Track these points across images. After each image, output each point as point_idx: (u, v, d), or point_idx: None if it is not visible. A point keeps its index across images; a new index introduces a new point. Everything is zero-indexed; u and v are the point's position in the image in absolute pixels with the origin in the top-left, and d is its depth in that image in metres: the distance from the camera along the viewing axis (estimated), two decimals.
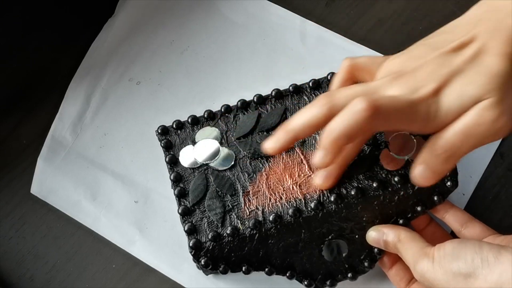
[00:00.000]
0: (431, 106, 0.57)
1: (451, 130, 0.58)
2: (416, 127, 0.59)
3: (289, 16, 0.92)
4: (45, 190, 0.82)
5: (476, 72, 0.57)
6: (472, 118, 0.56)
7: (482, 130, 0.56)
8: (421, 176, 0.61)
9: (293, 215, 0.69)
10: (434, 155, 0.60)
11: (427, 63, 0.59)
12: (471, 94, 0.56)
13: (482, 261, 0.57)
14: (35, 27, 0.90)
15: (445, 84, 0.57)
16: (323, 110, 0.58)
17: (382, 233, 0.69)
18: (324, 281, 0.72)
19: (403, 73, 0.59)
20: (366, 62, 0.66)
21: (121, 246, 0.78)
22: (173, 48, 0.91)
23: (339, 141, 0.57)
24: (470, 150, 0.59)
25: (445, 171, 0.61)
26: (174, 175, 0.73)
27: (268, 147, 0.62)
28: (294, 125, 0.60)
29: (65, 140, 0.84)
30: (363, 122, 0.55)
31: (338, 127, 0.56)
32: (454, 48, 0.59)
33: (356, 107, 0.55)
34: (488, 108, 0.56)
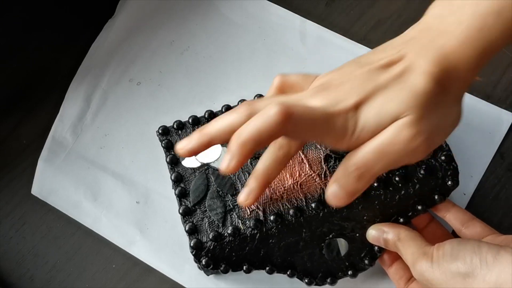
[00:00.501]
0: (349, 121, 0.55)
1: (365, 147, 0.56)
2: (331, 141, 0.56)
3: (289, 16, 0.92)
4: (45, 191, 0.82)
5: (399, 89, 0.55)
6: (387, 136, 0.55)
7: (396, 149, 0.55)
8: (333, 195, 0.59)
9: (294, 215, 0.69)
10: (346, 173, 0.58)
11: (353, 78, 0.57)
12: (390, 110, 0.54)
13: (480, 261, 0.57)
14: (35, 27, 0.90)
15: (367, 99, 0.55)
16: (241, 116, 0.55)
17: (382, 231, 0.69)
18: (325, 278, 0.72)
19: (328, 86, 0.58)
20: (298, 79, 0.64)
21: (122, 246, 0.78)
22: (173, 49, 0.91)
23: (247, 145, 0.54)
24: (384, 170, 0.57)
25: (357, 191, 0.59)
26: (175, 175, 0.73)
27: (179, 147, 0.59)
28: (210, 129, 0.57)
29: (66, 141, 0.84)
30: (273, 126, 0.53)
31: (247, 130, 0.54)
32: (382, 65, 0.57)
33: (267, 112, 0.53)
34: (405, 126, 0.54)
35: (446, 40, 0.56)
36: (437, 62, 0.55)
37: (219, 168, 0.56)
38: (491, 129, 0.83)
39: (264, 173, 0.66)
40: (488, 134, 0.82)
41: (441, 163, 0.71)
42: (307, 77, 0.63)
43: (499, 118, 0.83)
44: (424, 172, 0.70)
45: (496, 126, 0.83)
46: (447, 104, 0.57)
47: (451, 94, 0.57)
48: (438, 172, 0.71)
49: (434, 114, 0.55)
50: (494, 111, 0.84)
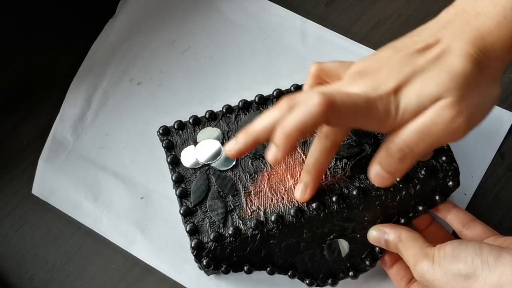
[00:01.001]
0: (390, 104, 0.56)
1: (407, 128, 0.56)
2: (373, 125, 0.57)
3: (289, 16, 0.92)
4: (46, 191, 0.82)
5: (437, 71, 0.56)
6: (429, 116, 0.55)
7: (438, 129, 0.55)
8: (376, 176, 0.60)
9: (295, 215, 0.69)
10: (389, 154, 0.58)
11: (391, 63, 0.58)
12: (430, 92, 0.55)
13: (482, 263, 0.57)
14: (35, 27, 0.90)
15: (406, 82, 0.56)
16: (283, 111, 0.56)
17: (383, 232, 0.69)
18: (326, 279, 0.72)
19: (366, 73, 0.59)
20: (334, 66, 0.65)
21: (122, 246, 0.78)
22: (174, 49, 0.91)
23: (292, 135, 0.54)
24: (426, 150, 0.58)
25: (400, 172, 0.60)
26: (176, 175, 0.73)
27: (228, 149, 0.59)
28: (255, 128, 0.58)
29: (66, 141, 0.84)
30: (317, 116, 0.53)
31: (291, 122, 0.54)
32: (418, 49, 0.58)
33: (310, 101, 0.54)
34: (446, 107, 0.55)
35: (482, 22, 0.57)
36: (474, 43, 0.56)
37: (267, 158, 0.57)
38: (492, 129, 0.83)
39: (316, 165, 0.67)
40: (488, 134, 0.82)
41: (441, 163, 0.71)
42: (343, 64, 0.64)
43: (500, 118, 0.84)
44: (425, 173, 0.70)
45: (497, 126, 0.83)
46: (486, 83, 0.57)
47: (489, 74, 0.57)
48: (439, 172, 0.71)
49: (474, 94, 0.56)
50: (495, 111, 0.82)
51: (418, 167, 0.71)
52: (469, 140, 0.80)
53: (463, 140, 0.79)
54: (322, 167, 0.68)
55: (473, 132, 0.81)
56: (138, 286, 0.77)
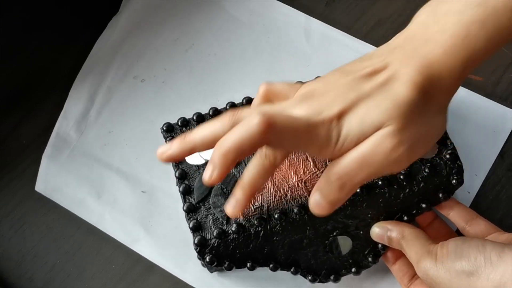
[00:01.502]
0: (332, 131, 0.55)
1: (347, 157, 0.56)
2: (314, 151, 0.56)
3: (293, 14, 0.93)
4: (49, 188, 0.82)
5: (382, 98, 0.55)
6: (369, 145, 0.54)
7: (378, 159, 0.54)
8: (315, 204, 0.59)
9: (298, 212, 0.69)
10: (328, 182, 0.57)
11: (337, 87, 0.57)
12: (373, 120, 0.54)
13: (485, 260, 0.57)
14: (35, 27, 0.90)
15: (350, 108, 0.55)
16: (225, 125, 0.56)
17: (386, 229, 0.69)
18: (328, 276, 0.72)
19: (312, 95, 0.58)
20: (283, 88, 0.64)
21: (126, 243, 0.78)
22: (178, 46, 0.91)
23: (229, 154, 0.54)
24: (366, 179, 0.57)
25: (339, 200, 0.58)
26: (179, 172, 0.73)
27: (159, 151, 0.59)
28: (193, 136, 0.57)
29: (70, 138, 0.84)
30: (255, 136, 0.52)
31: (229, 140, 0.54)
32: (366, 74, 0.57)
33: (249, 121, 0.53)
34: (387, 136, 0.54)
35: (430, 49, 0.56)
36: (421, 71, 0.55)
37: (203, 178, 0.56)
38: (495, 128, 0.83)
39: (250, 183, 0.64)
40: (492, 132, 0.83)
41: (445, 161, 0.71)
42: (293, 86, 0.63)
43: (503, 117, 0.84)
44: (429, 170, 0.70)
45: (501, 125, 0.83)
46: (431, 113, 0.56)
47: (435, 103, 0.56)
48: (443, 170, 0.71)
49: (417, 124, 0.55)
50: (498, 110, 0.84)
51: (422, 165, 0.71)
52: (473, 139, 0.81)
53: (467, 138, 0.80)
54: (258, 186, 0.64)
55: (477, 130, 0.82)
56: (138, 286, 0.77)
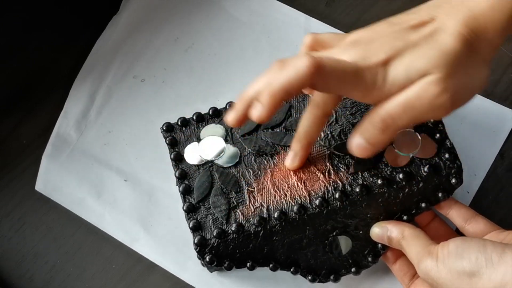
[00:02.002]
0: (378, 75, 0.57)
1: (392, 101, 0.57)
2: (359, 94, 0.58)
3: (293, 14, 0.93)
4: (49, 187, 0.82)
5: (428, 48, 0.57)
6: (414, 90, 0.56)
7: (422, 104, 0.56)
8: (357, 146, 0.61)
9: (298, 212, 0.69)
10: (371, 124, 0.59)
11: (384, 36, 0.59)
12: (419, 67, 0.56)
13: (486, 260, 0.57)
14: (35, 27, 0.90)
15: (396, 56, 0.57)
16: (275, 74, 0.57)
17: (386, 229, 0.69)
18: (328, 276, 0.72)
19: (359, 43, 0.59)
20: (329, 37, 0.65)
21: (126, 243, 0.78)
22: (178, 46, 0.91)
23: (278, 95, 0.55)
24: (407, 123, 0.58)
25: (381, 143, 0.61)
26: (179, 172, 0.73)
27: (230, 120, 0.60)
28: (249, 93, 0.58)
29: (70, 137, 0.84)
30: (303, 77, 0.54)
31: (278, 81, 0.55)
32: (413, 25, 0.59)
33: (298, 63, 0.54)
34: (432, 83, 0.56)
35: (476, 3, 0.58)
36: (467, 24, 0.57)
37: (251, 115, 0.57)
38: (494, 128, 0.83)
39: (306, 134, 0.68)
40: (492, 132, 0.83)
41: (445, 161, 0.71)
42: (338, 36, 0.65)
43: (503, 117, 0.84)
44: (428, 170, 0.70)
45: (500, 125, 0.83)
46: (475, 64, 0.58)
47: (479, 56, 0.58)
48: (442, 170, 0.71)
49: (461, 74, 0.57)
50: (498, 110, 0.84)
51: (421, 165, 0.71)
52: (472, 139, 0.81)
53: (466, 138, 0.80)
54: (313, 136, 0.69)
55: (477, 130, 0.81)
56: (138, 286, 0.77)
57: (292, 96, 0.56)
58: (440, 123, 0.73)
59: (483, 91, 0.84)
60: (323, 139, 0.73)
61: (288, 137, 0.73)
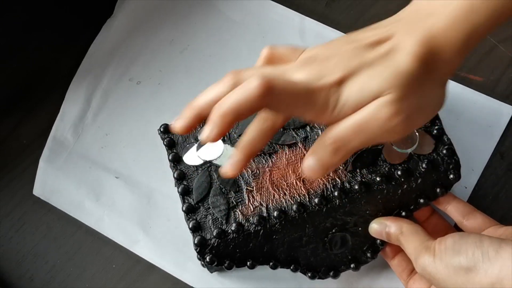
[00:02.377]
0: (332, 96, 0.55)
1: (344, 122, 0.55)
2: (312, 115, 0.56)
3: (288, 14, 0.92)
4: (47, 192, 0.82)
5: (383, 67, 0.55)
6: (366, 112, 0.54)
7: (375, 125, 0.55)
8: (308, 167, 0.59)
9: (297, 211, 0.69)
10: (323, 146, 0.57)
11: (341, 53, 0.57)
12: (373, 87, 0.54)
13: (482, 255, 0.57)
14: (35, 27, 0.90)
15: (351, 75, 0.55)
16: (227, 87, 0.56)
17: (385, 225, 0.69)
18: (328, 272, 0.72)
19: (314, 60, 0.58)
20: (286, 51, 0.63)
21: (125, 246, 0.78)
22: (173, 47, 0.91)
23: (228, 116, 0.54)
24: (360, 145, 0.57)
25: (332, 164, 0.58)
26: (178, 173, 0.73)
27: (175, 126, 0.59)
28: (199, 102, 0.58)
29: (67, 141, 0.85)
30: (253, 99, 0.53)
31: (228, 102, 0.54)
32: (370, 43, 0.57)
33: (249, 84, 0.53)
34: (386, 104, 0.54)
35: (434, 21, 0.56)
36: (424, 43, 0.55)
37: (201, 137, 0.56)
38: (491, 123, 0.83)
39: (249, 145, 0.64)
40: (488, 128, 0.83)
41: (442, 156, 0.71)
42: (296, 50, 0.63)
43: (499, 112, 0.84)
44: (426, 166, 0.70)
45: (496, 120, 0.83)
46: (431, 86, 0.57)
47: (436, 76, 0.57)
48: (440, 165, 0.71)
49: (416, 95, 0.55)
50: (494, 105, 0.84)
51: (419, 161, 0.71)
52: (469, 134, 0.81)
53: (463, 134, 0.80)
54: (255, 148, 0.65)
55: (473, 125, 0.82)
56: (138, 286, 0.77)
57: (245, 117, 0.55)
58: (437, 119, 0.73)
59: (483, 91, 0.85)
60: None
61: (286, 136, 0.73)
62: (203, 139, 0.56)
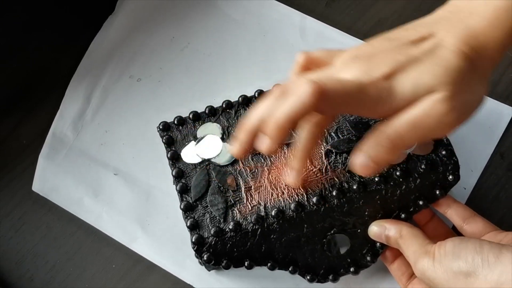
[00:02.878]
0: (383, 90, 0.55)
1: (399, 118, 0.56)
2: (365, 111, 0.57)
3: (289, 12, 0.93)
4: (47, 188, 0.82)
5: (433, 63, 0.56)
6: (423, 108, 0.55)
7: (430, 122, 0.55)
8: (361, 164, 0.58)
9: (295, 210, 0.69)
10: (378, 143, 0.57)
11: (384, 50, 0.58)
12: (426, 82, 0.55)
13: (482, 261, 0.57)
14: (35, 27, 0.90)
15: (400, 70, 0.56)
16: (275, 99, 0.56)
17: (384, 228, 0.69)
18: (327, 275, 0.72)
19: (359, 58, 0.58)
20: (322, 55, 0.64)
21: (124, 243, 0.78)
22: (173, 45, 0.91)
23: (284, 126, 0.55)
24: (415, 141, 0.59)
25: (386, 162, 0.58)
26: (176, 171, 0.73)
27: (235, 152, 0.60)
28: (251, 122, 0.58)
29: (66, 138, 0.84)
30: (308, 105, 0.53)
31: (282, 112, 0.54)
32: (412, 40, 0.58)
33: (301, 90, 0.53)
34: (441, 101, 0.54)
35: (475, 21, 0.57)
36: (467, 41, 0.56)
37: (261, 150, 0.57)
38: (491, 124, 0.83)
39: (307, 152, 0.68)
40: (488, 128, 0.83)
41: (441, 157, 0.71)
42: (330, 52, 0.63)
43: (499, 113, 0.84)
44: (425, 167, 0.70)
45: (496, 121, 0.83)
46: (475, 81, 0.57)
47: (479, 72, 0.57)
48: (439, 166, 0.71)
49: (465, 91, 0.56)
50: (494, 106, 0.84)
51: (418, 161, 0.71)
52: (468, 135, 0.80)
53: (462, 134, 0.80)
54: (311, 152, 0.70)
55: (473, 126, 0.81)
56: (138, 286, 0.77)
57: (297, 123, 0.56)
58: None
59: None
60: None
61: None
62: (263, 151, 0.57)
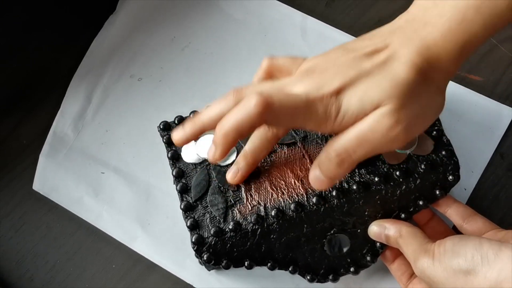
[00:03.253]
0: (331, 106, 0.56)
1: (346, 134, 0.57)
2: (312, 126, 0.58)
3: (290, 12, 0.93)
4: (47, 187, 0.82)
5: (382, 77, 0.56)
6: (368, 123, 0.56)
7: (376, 137, 0.56)
8: (314, 179, 0.62)
9: (295, 210, 0.69)
10: (327, 159, 0.59)
11: (338, 64, 0.58)
12: (372, 97, 0.56)
13: (482, 258, 0.57)
14: (35, 27, 0.90)
15: (350, 85, 0.56)
16: (229, 104, 0.57)
17: (384, 227, 0.69)
18: (327, 275, 0.72)
19: (313, 71, 0.59)
20: (286, 62, 0.65)
21: (124, 242, 0.78)
22: (174, 45, 0.91)
23: (229, 135, 0.56)
24: (364, 156, 0.58)
25: (338, 176, 0.61)
26: (176, 171, 0.73)
27: (175, 137, 0.61)
28: (202, 118, 0.60)
29: (67, 137, 0.85)
30: (253, 117, 0.54)
31: (228, 122, 0.56)
32: (367, 53, 0.58)
33: (247, 103, 0.55)
34: (385, 115, 0.55)
35: (429, 32, 0.58)
36: (420, 53, 0.57)
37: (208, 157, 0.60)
38: (491, 125, 0.83)
39: (253, 153, 0.69)
40: (488, 129, 0.83)
41: (442, 158, 0.71)
42: (295, 60, 0.64)
43: (499, 114, 0.84)
44: (425, 167, 0.70)
45: (497, 122, 0.83)
46: (429, 93, 0.58)
47: (433, 84, 0.58)
48: (439, 167, 0.71)
49: (415, 104, 0.56)
50: (494, 107, 0.84)
51: (418, 161, 0.71)
52: (469, 136, 0.81)
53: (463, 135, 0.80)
54: (259, 155, 0.70)
55: (473, 127, 0.82)
56: (138, 286, 0.77)
57: (246, 134, 0.57)
58: (437, 120, 0.73)
59: (483, 91, 0.85)
60: (320, 136, 0.73)
61: (285, 136, 0.73)
62: (209, 160, 0.60)
